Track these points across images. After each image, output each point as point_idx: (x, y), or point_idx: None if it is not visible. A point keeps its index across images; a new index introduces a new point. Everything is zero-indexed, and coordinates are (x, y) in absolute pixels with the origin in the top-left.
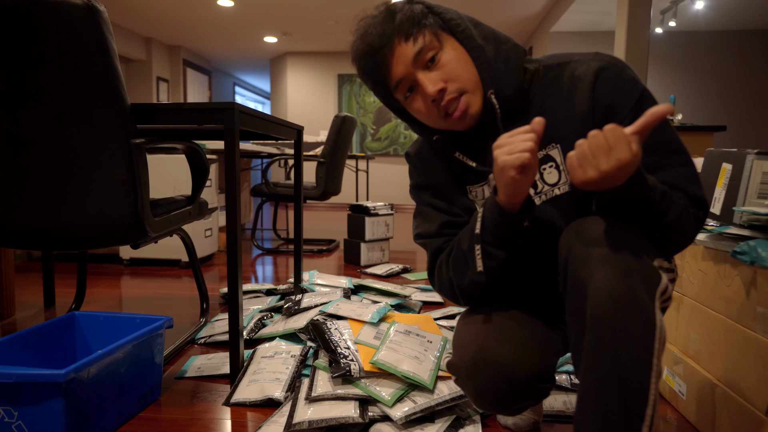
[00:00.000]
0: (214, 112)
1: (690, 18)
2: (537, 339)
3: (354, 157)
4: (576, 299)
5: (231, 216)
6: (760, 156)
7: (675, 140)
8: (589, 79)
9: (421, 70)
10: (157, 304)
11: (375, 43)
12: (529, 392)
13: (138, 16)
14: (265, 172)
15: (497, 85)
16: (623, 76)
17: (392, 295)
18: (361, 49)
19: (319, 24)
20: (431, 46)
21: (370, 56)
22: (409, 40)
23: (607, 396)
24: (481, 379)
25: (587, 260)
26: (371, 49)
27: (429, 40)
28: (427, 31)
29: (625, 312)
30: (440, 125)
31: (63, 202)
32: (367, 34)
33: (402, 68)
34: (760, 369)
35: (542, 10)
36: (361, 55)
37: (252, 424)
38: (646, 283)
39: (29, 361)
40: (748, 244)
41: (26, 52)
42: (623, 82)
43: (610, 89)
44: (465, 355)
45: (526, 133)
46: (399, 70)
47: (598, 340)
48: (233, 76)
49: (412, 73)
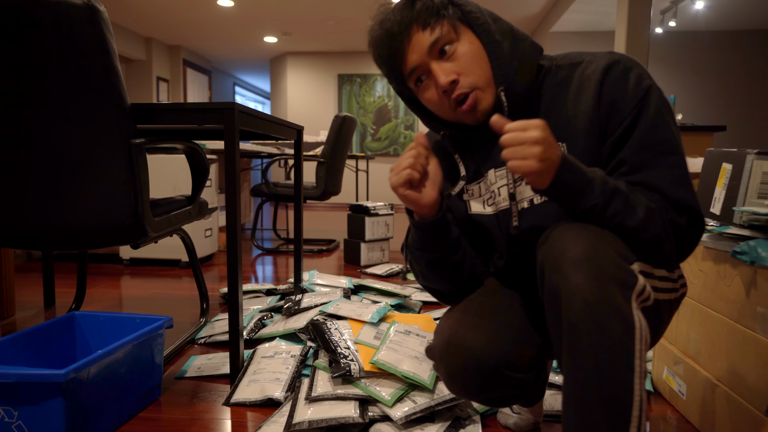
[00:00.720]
0: (214, 112)
1: (690, 18)
2: (513, 329)
3: (354, 157)
4: (552, 305)
5: (231, 216)
6: (760, 156)
7: (670, 141)
8: (597, 77)
9: (436, 60)
10: (157, 304)
11: (392, 30)
12: (498, 379)
13: (138, 16)
14: (265, 172)
15: (509, 82)
16: (629, 74)
17: (392, 295)
18: (378, 35)
19: (319, 24)
20: (448, 37)
21: (386, 42)
22: (426, 29)
23: (590, 401)
24: (450, 363)
25: (560, 266)
26: (388, 35)
27: (446, 31)
28: (446, 22)
29: (600, 316)
30: (450, 117)
31: (63, 202)
32: (386, 20)
33: (417, 56)
34: (760, 369)
35: (542, 10)
36: (378, 41)
37: (252, 424)
38: (620, 285)
39: (29, 361)
40: (748, 244)
41: (26, 52)
42: (628, 80)
43: (614, 87)
44: (439, 339)
45: (409, 150)
46: (414, 58)
47: (575, 346)
48: (233, 76)
49: (426, 62)
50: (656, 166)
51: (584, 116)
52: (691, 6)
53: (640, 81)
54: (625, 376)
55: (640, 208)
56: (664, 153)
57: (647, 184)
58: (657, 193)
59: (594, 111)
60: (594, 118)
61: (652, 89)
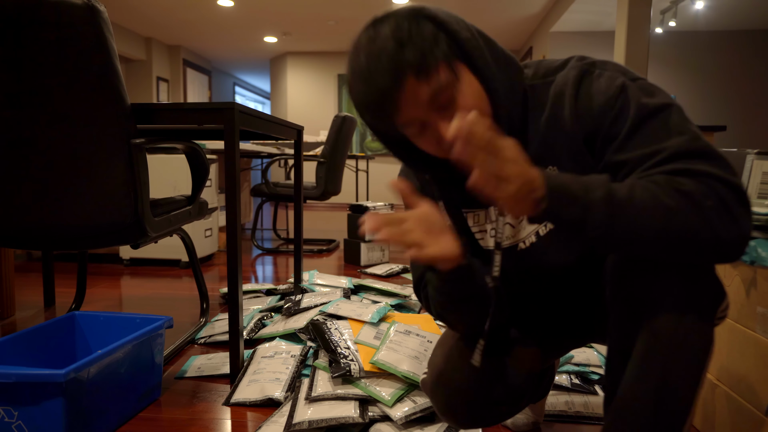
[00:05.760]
0: (214, 112)
1: (690, 18)
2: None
3: (354, 157)
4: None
5: (231, 216)
6: (760, 156)
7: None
8: (570, 92)
9: (437, 113)
10: (157, 304)
11: (382, 84)
12: (488, 413)
13: (138, 16)
14: (265, 172)
15: (510, 119)
16: (600, 81)
17: (392, 295)
18: (362, 93)
19: (319, 24)
20: (448, 85)
21: (375, 103)
22: (422, 79)
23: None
24: (440, 401)
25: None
26: (377, 91)
27: (445, 78)
28: (442, 65)
29: (686, 327)
30: (443, 156)
31: (63, 202)
32: (371, 74)
33: (414, 111)
34: (760, 369)
35: (542, 10)
36: (364, 100)
37: (252, 424)
38: (712, 295)
39: (29, 361)
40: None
41: (26, 53)
42: (600, 87)
43: (588, 99)
44: (431, 376)
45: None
46: (410, 113)
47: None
48: (233, 76)
49: (425, 116)
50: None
51: (565, 136)
52: (691, 6)
53: (611, 83)
54: (688, 393)
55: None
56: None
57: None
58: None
59: (573, 128)
60: (576, 136)
61: (625, 87)
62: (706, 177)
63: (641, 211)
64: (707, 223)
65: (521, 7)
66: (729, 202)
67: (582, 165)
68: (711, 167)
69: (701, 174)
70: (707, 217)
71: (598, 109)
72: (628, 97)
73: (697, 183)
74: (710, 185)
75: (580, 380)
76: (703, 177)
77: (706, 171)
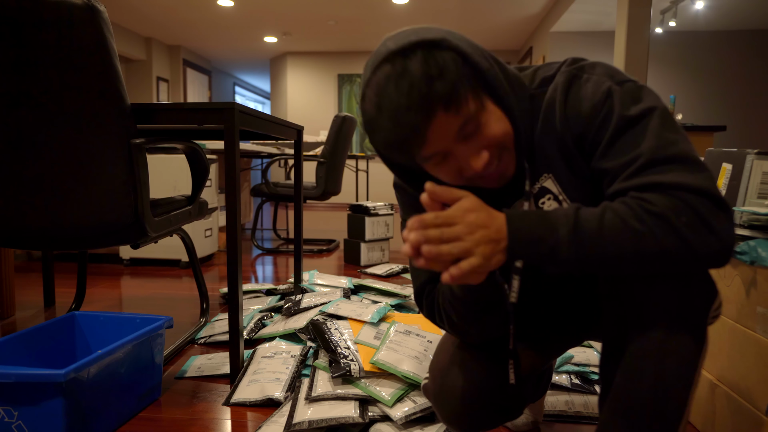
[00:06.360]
0: (214, 112)
1: (690, 18)
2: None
3: (354, 157)
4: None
5: (231, 216)
6: (760, 156)
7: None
8: (560, 98)
9: (461, 142)
10: (157, 304)
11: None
12: (491, 419)
13: (138, 16)
14: (265, 172)
15: (528, 144)
16: (587, 86)
17: (392, 295)
18: (389, 130)
19: (319, 24)
20: (476, 116)
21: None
22: (451, 112)
23: (642, 408)
24: (444, 409)
25: None
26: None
27: (473, 108)
28: (470, 96)
29: (679, 326)
30: (458, 183)
31: (63, 202)
32: (401, 111)
33: (442, 143)
34: (760, 369)
35: (542, 10)
36: (390, 137)
37: (252, 424)
38: (704, 295)
39: (29, 361)
40: (748, 244)
41: (26, 52)
42: (587, 93)
43: (575, 105)
44: (433, 385)
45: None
46: (438, 145)
47: (642, 352)
48: (233, 76)
49: (451, 146)
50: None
51: (558, 142)
52: (691, 6)
53: (597, 89)
54: (682, 391)
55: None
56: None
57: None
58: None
59: (564, 133)
60: (567, 140)
61: (611, 92)
62: (677, 189)
63: (610, 238)
64: (682, 241)
65: (521, 7)
66: (704, 213)
67: (575, 170)
68: (683, 176)
69: (672, 187)
70: (682, 235)
71: (585, 114)
72: (613, 104)
73: (668, 199)
74: (683, 198)
75: (580, 380)
76: (674, 190)
77: (677, 183)
